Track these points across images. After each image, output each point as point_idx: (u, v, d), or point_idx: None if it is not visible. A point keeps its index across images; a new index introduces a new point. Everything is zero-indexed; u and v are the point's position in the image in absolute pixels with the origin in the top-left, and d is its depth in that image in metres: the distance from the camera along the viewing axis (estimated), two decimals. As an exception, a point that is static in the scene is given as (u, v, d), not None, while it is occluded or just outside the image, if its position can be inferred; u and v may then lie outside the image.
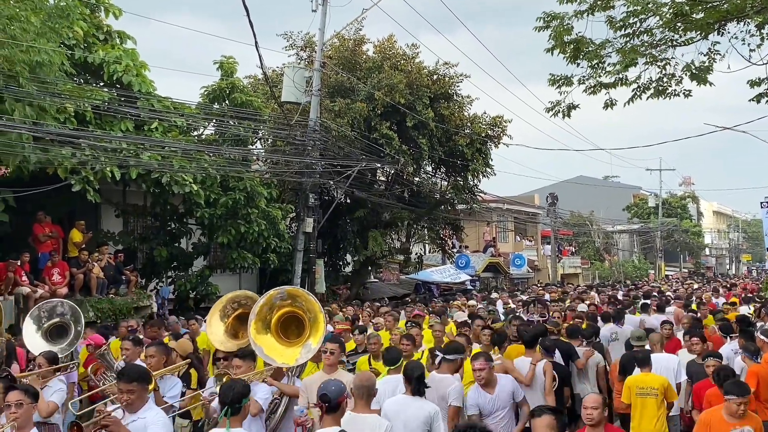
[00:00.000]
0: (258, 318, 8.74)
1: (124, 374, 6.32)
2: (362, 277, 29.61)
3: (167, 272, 21.53)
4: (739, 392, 7.15)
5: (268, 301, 8.84)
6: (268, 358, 8.54)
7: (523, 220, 51.26)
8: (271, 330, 8.76)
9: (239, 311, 9.68)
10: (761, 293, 20.16)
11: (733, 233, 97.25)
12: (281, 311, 8.85)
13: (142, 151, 17.36)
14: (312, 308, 8.75)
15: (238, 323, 9.61)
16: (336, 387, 5.94)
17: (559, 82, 13.71)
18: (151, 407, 6.34)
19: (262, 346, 8.58)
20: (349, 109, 24.80)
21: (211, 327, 9.73)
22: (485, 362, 8.03)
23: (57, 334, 10.12)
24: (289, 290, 9.10)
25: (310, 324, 8.71)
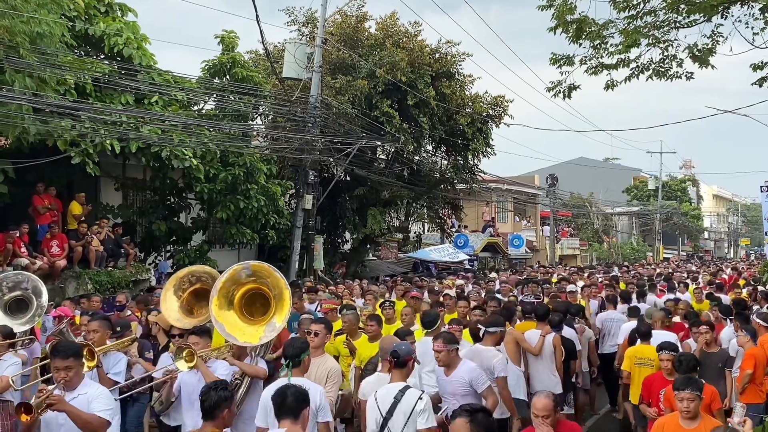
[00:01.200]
0: (221, 294, 8.29)
1: (59, 351, 6.01)
2: (361, 255, 29.67)
3: (166, 246, 21.57)
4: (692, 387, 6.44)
5: (232, 276, 8.36)
6: (230, 336, 8.07)
7: (522, 201, 51.26)
8: (234, 307, 8.32)
9: (196, 286, 9.24)
10: (759, 276, 20.12)
11: (733, 217, 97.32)
12: (245, 287, 8.40)
13: (142, 124, 17.31)
14: (277, 285, 8.28)
15: (194, 299, 9.20)
16: (406, 347, 6.80)
17: (561, 61, 13.67)
18: (89, 383, 6.11)
19: (224, 323, 8.15)
20: (350, 86, 24.73)
21: (165, 303, 9.19)
22: (443, 344, 7.41)
23: (17, 308, 9.63)
24: (254, 265, 8.57)
25: (276, 302, 8.26)
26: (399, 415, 6.13)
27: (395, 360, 6.60)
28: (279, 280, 8.31)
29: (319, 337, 7.85)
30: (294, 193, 24.25)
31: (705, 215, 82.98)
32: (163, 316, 9.43)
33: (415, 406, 6.12)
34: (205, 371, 7.39)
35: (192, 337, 7.91)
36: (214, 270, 9.57)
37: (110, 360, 8.13)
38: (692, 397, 6.36)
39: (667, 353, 8.43)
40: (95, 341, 7.96)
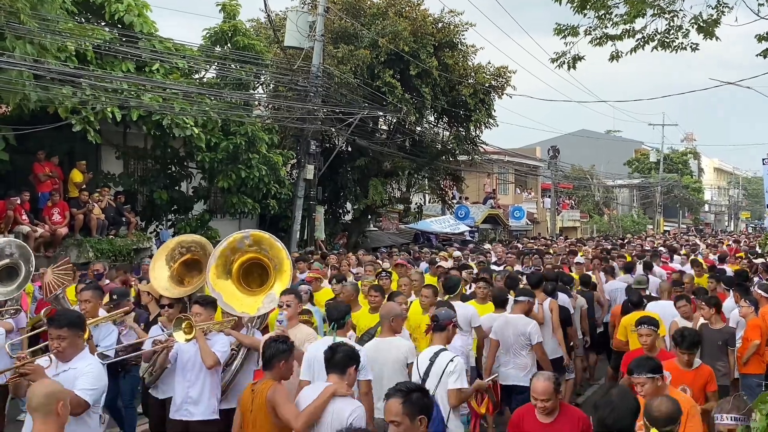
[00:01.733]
0: (219, 262, 8.12)
1: (54, 319, 5.80)
2: (362, 226, 29.67)
3: (167, 215, 21.57)
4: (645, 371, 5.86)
5: (230, 244, 8.21)
6: (227, 306, 7.93)
7: (523, 173, 51.18)
8: (232, 276, 8.15)
9: (186, 257, 8.96)
10: (758, 249, 20.13)
11: (733, 190, 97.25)
12: (245, 257, 8.22)
13: (143, 92, 17.25)
14: (278, 255, 8.13)
15: (185, 269, 8.93)
16: (446, 312, 7.20)
17: (565, 32, 13.53)
18: (84, 356, 5.78)
19: (221, 292, 7.98)
20: (352, 55, 24.59)
21: (154, 272, 8.95)
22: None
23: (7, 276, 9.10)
24: (254, 234, 8.41)
25: (275, 272, 8.09)
26: (433, 376, 6.50)
27: (435, 324, 7.01)
28: (280, 250, 8.17)
29: (291, 308, 7.54)
30: (295, 163, 24.19)
31: (706, 188, 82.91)
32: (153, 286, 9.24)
33: (446, 368, 6.48)
34: (203, 345, 7.14)
35: (195, 306, 7.60)
36: (204, 239, 9.40)
37: (101, 332, 7.93)
38: (644, 381, 5.77)
39: (647, 327, 7.81)
40: (87, 311, 7.75)
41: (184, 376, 7.25)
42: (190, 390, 7.18)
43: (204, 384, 7.19)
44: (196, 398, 7.17)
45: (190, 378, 7.21)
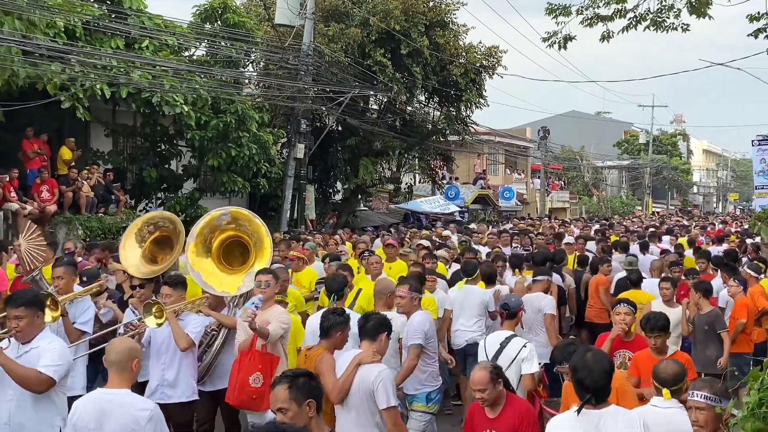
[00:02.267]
0: (198, 241, 7.93)
1: (12, 299, 5.64)
2: (352, 205, 29.67)
3: (157, 194, 21.49)
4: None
5: (209, 222, 8.04)
6: (207, 285, 7.76)
7: (513, 153, 51.20)
8: (212, 254, 7.96)
9: (157, 234, 8.64)
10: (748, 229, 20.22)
11: (722, 172, 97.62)
12: (224, 235, 8.05)
13: (132, 69, 17.13)
14: (257, 231, 7.98)
15: (157, 247, 8.60)
16: (516, 299, 7.59)
17: (557, 11, 13.51)
18: (45, 336, 5.61)
19: (201, 271, 7.80)
20: (343, 34, 24.50)
21: (125, 251, 8.57)
22: (408, 291, 7.39)
23: None
24: (233, 211, 8.25)
25: (255, 249, 7.95)
26: (503, 359, 6.71)
27: (506, 312, 7.35)
28: (259, 227, 8.02)
29: (270, 288, 7.23)
30: (286, 142, 24.13)
31: (695, 170, 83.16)
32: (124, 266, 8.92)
33: (519, 353, 6.74)
34: (176, 327, 7.01)
35: (165, 288, 7.32)
36: (172, 214, 9.26)
37: (77, 308, 7.52)
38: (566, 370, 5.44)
39: (625, 306, 7.41)
40: (61, 288, 7.46)
41: (159, 359, 7.16)
42: (165, 373, 7.09)
43: (180, 366, 7.09)
44: (173, 381, 7.09)
45: (165, 361, 7.13)
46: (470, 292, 9.45)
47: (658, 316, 6.77)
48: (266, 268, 7.63)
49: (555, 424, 4.73)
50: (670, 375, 5.07)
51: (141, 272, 8.30)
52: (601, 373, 4.52)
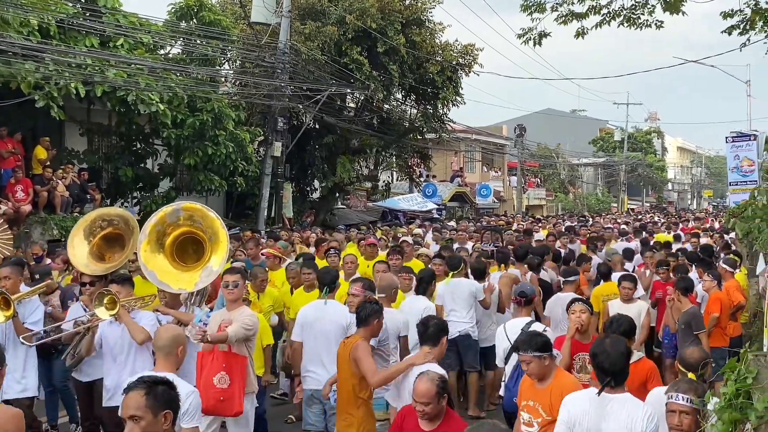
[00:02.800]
0: (150, 238, 7.69)
1: None
2: (329, 204, 29.65)
3: (133, 193, 21.37)
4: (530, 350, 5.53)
5: (161, 219, 7.78)
6: (162, 284, 7.55)
7: (490, 151, 51.36)
8: (165, 252, 7.73)
9: (107, 231, 8.36)
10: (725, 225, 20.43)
11: (696, 169, 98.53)
12: (177, 231, 7.82)
13: (107, 67, 17.02)
14: (212, 226, 7.74)
15: (105, 244, 8.34)
16: (530, 288, 8.01)
17: (532, 8, 13.59)
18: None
19: (155, 270, 7.59)
20: (319, 32, 24.46)
21: (73, 248, 8.29)
22: (361, 289, 7.18)
23: None
24: (186, 206, 8.02)
25: (211, 244, 7.72)
26: None
27: (524, 299, 7.63)
28: (214, 220, 7.80)
29: (237, 288, 7.04)
30: (263, 140, 24.07)
31: (669, 167, 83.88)
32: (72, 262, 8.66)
33: None
34: (129, 322, 6.85)
35: (113, 286, 7.18)
36: (128, 213, 8.99)
37: (26, 308, 7.45)
38: (530, 359, 5.48)
39: (580, 304, 7.05)
40: (7, 288, 7.26)
41: (114, 359, 6.95)
42: (122, 373, 6.77)
43: (136, 365, 6.84)
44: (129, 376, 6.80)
45: (121, 361, 6.92)
46: (458, 285, 9.57)
47: (622, 319, 6.38)
48: (234, 268, 7.48)
49: (570, 399, 4.96)
50: (696, 359, 5.27)
51: (90, 269, 8.05)
52: (619, 356, 4.77)
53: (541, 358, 5.45)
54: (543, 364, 5.46)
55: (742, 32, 13.01)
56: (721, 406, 3.60)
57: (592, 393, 4.84)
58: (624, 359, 4.81)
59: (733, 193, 22.02)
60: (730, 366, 3.66)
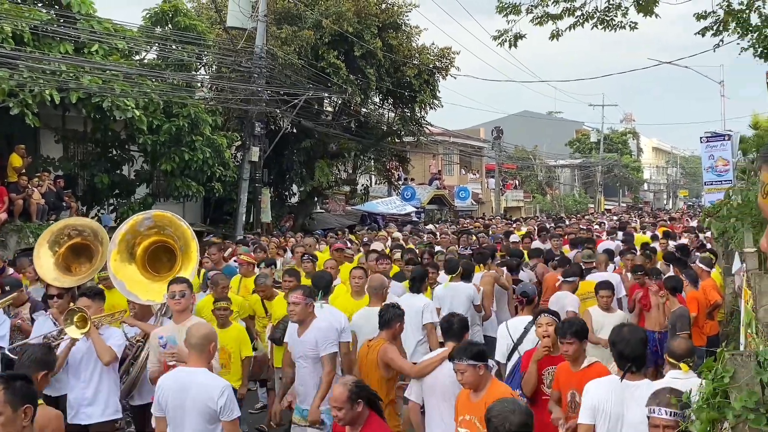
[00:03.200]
0: (120, 247, 7.50)
1: None
2: (308, 208, 29.60)
3: (109, 200, 21.21)
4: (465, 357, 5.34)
5: (131, 227, 7.59)
6: (131, 294, 7.35)
7: (468, 154, 51.53)
8: (136, 261, 7.55)
9: (74, 241, 8.14)
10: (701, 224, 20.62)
11: (672, 169, 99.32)
12: (148, 240, 7.64)
13: (82, 74, 16.90)
14: (183, 236, 7.58)
15: (72, 255, 8.15)
16: (532, 288, 8.29)
17: (507, 9, 13.67)
18: None
19: (124, 280, 7.40)
20: (296, 36, 24.44)
21: (39, 259, 8.08)
22: (302, 296, 6.81)
23: None
24: (156, 215, 7.83)
25: (181, 254, 7.56)
26: (527, 342, 7.13)
27: (525, 298, 7.92)
28: (185, 230, 7.64)
29: (185, 298, 6.64)
30: (240, 145, 24.00)
31: (645, 167, 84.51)
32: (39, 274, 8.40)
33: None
34: (97, 340, 6.57)
35: (83, 299, 6.89)
36: (97, 224, 8.74)
37: None
38: (464, 368, 5.30)
39: (546, 317, 6.56)
40: None
41: (78, 377, 6.72)
42: (85, 391, 6.66)
43: (101, 382, 6.68)
44: (92, 399, 6.68)
45: (85, 378, 6.70)
46: (457, 289, 9.68)
47: (572, 321, 6.17)
48: (179, 277, 7.10)
49: (593, 386, 5.12)
50: (684, 350, 5.46)
51: (59, 282, 7.82)
52: (638, 342, 5.01)
53: (475, 367, 5.26)
54: (477, 374, 5.28)
55: (715, 33, 13.16)
56: (699, 405, 3.63)
57: (614, 380, 5.04)
58: (643, 346, 5.05)
59: (709, 193, 22.22)
60: (708, 365, 3.68)
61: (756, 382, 3.33)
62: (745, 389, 3.34)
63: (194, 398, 5.19)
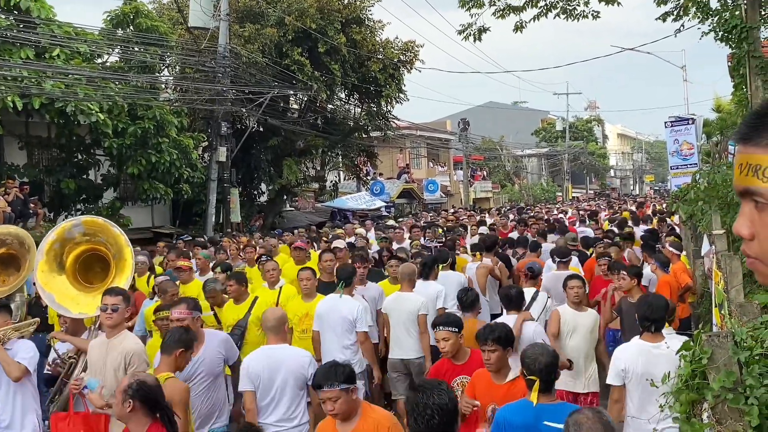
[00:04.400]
0: (48, 257, 6.98)
1: None
2: (278, 206, 29.50)
3: (76, 205, 20.97)
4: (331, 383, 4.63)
5: (60, 235, 7.06)
6: (61, 308, 6.86)
7: (435, 146, 51.62)
8: (66, 271, 7.03)
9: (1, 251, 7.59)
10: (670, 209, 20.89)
11: (637, 155, 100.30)
12: (79, 249, 7.13)
13: (44, 79, 16.69)
14: (116, 243, 7.08)
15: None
16: (538, 266, 9.30)
17: (470, 3, 13.74)
18: None
19: (53, 293, 6.90)
20: (259, 34, 24.33)
21: None
22: (186, 311, 6.42)
23: None
24: (87, 221, 7.34)
25: (115, 263, 7.07)
26: (536, 307, 8.04)
27: (531, 273, 8.89)
28: (118, 236, 7.15)
29: (117, 312, 6.08)
30: (207, 146, 23.84)
31: (611, 154, 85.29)
32: None
33: (547, 303, 8.31)
34: (3, 356, 6.12)
35: None
36: (23, 231, 8.15)
37: None
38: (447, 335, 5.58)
39: (443, 330, 5.94)
40: None
41: None
42: (2, 413, 6.20)
43: (15, 402, 6.21)
44: (9, 421, 6.21)
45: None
46: (448, 276, 9.70)
47: (494, 326, 5.58)
48: (114, 288, 6.51)
49: (622, 350, 5.74)
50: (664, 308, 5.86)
51: None
52: (660, 306, 5.74)
53: (347, 392, 4.60)
54: (351, 399, 4.64)
55: (676, 18, 13.34)
56: (678, 387, 3.68)
57: (639, 343, 5.65)
58: (664, 309, 5.76)
59: (675, 177, 22.38)
60: (686, 347, 3.74)
61: (734, 363, 3.38)
62: (723, 369, 3.39)
63: (288, 369, 5.92)
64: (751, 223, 1.40)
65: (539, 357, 4.65)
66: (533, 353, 4.71)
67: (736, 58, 12.02)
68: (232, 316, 8.25)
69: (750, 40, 11.20)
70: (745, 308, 4.62)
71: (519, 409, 4.66)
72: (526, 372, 4.70)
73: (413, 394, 4.00)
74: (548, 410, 4.52)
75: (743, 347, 3.43)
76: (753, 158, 1.38)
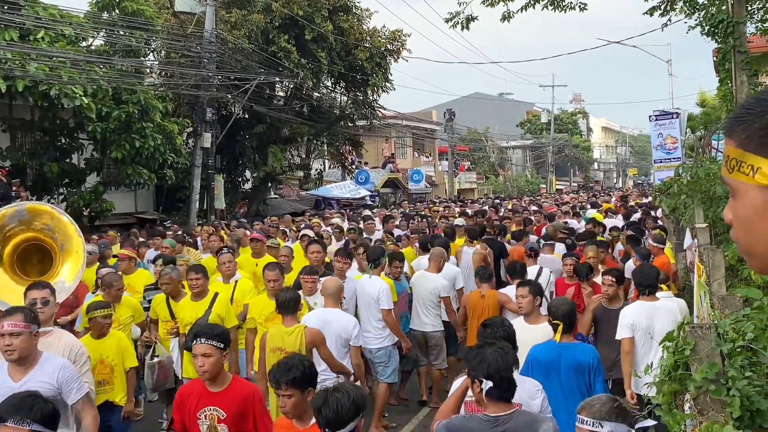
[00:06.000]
0: None
1: None
2: (262, 194, 29.44)
3: (59, 189, 20.80)
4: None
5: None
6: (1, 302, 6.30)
7: (421, 136, 51.62)
8: (3, 264, 6.61)
9: None
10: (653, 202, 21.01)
11: (621, 148, 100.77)
12: (19, 238, 6.70)
13: (28, 61, 16.52)
14: (64, 232, 6.65)
15: None
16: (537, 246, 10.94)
17: (458, -9, 13.71)
18: None
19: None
20: (245, 20, 24.22)
21: None
22: (23, 323, 4.88)
23: None
24: (30, 208, 6.88)
25: (61, 254, 6.64)
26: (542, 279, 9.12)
27: (533, 252, 10.38)
28: (67, 225, 6.74)
29: (48, 306, 5.63)
30: (192, 132, 23.73)
31: (594, 147, 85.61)
32: None
33: (550, 277, 9.54)
34: None
35: None
36: None
37: None
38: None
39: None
40: None
41: None
42: None
43: None
44: None
45: None
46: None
47: (289, 366, 4.54)
48: (40, 282, 6.00)
49: (629, 309, 6.94)
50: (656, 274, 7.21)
51: None
52: (652, 274, 7.08)
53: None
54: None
55: (663, 13, 13.37)
56: (661, 378, 3.71)
57: (643, 302, 6.87)
58: (655, 276, 7.07)
59: (658, 171, 22.52)
60: (668, 338, 3.76)
61: (716, 354, 3.41)
62: (705, 361, 3.42)
63: (336, 328, 7.06)
64: (730, 209, 1.47)
65: (561, 306, 6.04)
66: (557, 303, 6.17)
67: (721, 53, 12.06)
68: (190, 313, 7.57)
69: (736, 35, 11.26)
70: (728, 301, 4.67)
71: (545, 348, 5.87)
72: (551, 317, 6.01)
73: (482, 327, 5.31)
74: (569, 347, 5.87)
75: (726, 339, 3.45)
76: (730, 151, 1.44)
